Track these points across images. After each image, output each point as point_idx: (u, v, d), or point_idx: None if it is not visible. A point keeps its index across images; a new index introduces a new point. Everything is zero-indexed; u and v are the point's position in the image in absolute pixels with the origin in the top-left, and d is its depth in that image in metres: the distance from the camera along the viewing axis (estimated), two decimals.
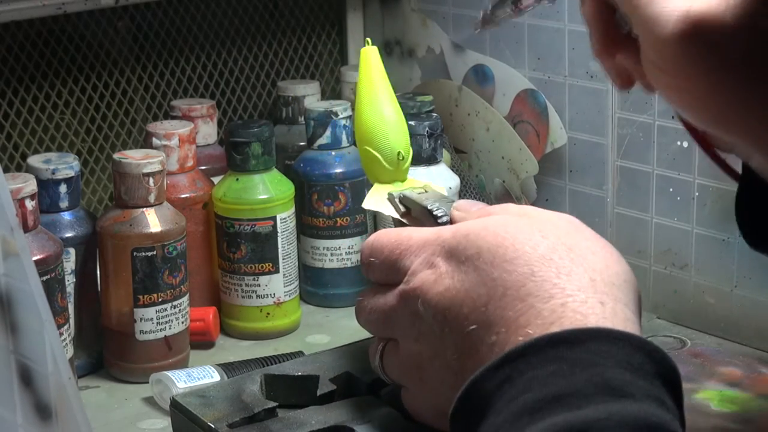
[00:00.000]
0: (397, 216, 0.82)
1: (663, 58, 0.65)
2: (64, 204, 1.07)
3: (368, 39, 0.90)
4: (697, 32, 0.61)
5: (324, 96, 1.40)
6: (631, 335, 0.56)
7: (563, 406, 0.53)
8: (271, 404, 0.82)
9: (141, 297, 1.07)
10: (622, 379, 0.53)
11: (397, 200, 0.82)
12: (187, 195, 1.15)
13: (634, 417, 0.52)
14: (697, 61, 0.63)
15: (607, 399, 0.53)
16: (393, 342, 0.73)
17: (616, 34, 0.73)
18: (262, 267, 1.16)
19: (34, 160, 1.07)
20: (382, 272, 0.72)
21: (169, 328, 1.09)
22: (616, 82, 0.76)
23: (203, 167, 1.21)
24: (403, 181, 0.88)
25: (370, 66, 0.89)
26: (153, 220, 1.07)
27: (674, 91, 0.67)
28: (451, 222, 0.75)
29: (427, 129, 1.18)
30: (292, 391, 0.84)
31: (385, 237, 0.72)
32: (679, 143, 1.13)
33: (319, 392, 0.83)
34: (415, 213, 0.80)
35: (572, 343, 0.55)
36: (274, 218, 1.16)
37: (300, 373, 0.85)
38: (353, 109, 1.24)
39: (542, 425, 0.52)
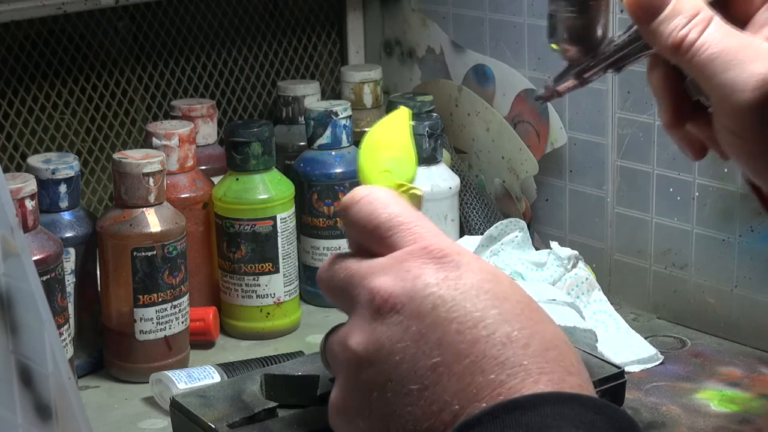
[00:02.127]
0: None
1: (740, 125, 0.66)
2: (64, 204, 1.07)
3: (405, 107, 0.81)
4: None
5: (324, 96, 1.40)
6: (581, 395, 0.57)
7: None
8: (272, 404, 0.82)
9: (141, 297, 1.07)
10: None
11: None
12: (187, 195, 1.15)
13: None
14: None
15: None
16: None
17: (686, 102, 0.74)
18: (262, 267, 1.16)
19: (34, 160, 1.07)
20: (371, 222, 0.65)
21: (169, 328, 1.09)
22: (688, 153, 0.77)
23: (203, 167, 1.21)
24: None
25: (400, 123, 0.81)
26: (153, 220, 1.07)
27: (750, 158, 0.68)
28: None
29: (427, 129, 1.18)
30: (292, 391, 0.84)
31: (394, 198, 0.65)
32: None
33: (319, 392, 0.83)
34: None
35: (526, 408, 0.55)
36: (274, 218, 1.16)
37: (300, 373, 0.85)
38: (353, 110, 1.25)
39: None
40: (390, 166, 0.74)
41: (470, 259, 0.61)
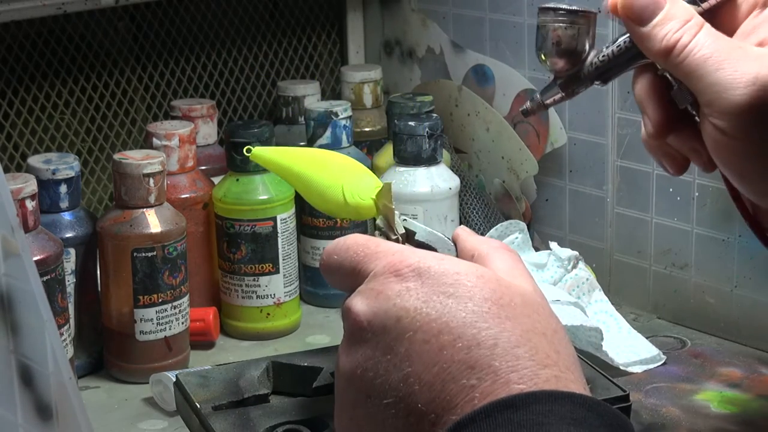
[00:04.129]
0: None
1: (730, 123, 0.67)
2: (64, 204, 1.07)
3: (249, 147, 0.81)
4: None
5: (324, 96, 1.40)
6: (573, 394, 0.57)
7: None
8: (264, 391, 0.82)
9: (141, 297, 1.07)
10: None
11: (387, 224, 0.79)
12: (187, 195, 1.15)
13: None
14: (767, 123, 0.65)
15: None
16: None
17: (672, 112, 0.75)
18: (262, 267, 1.16)
19: (34, 160, 1.07)
20: (342, 275, 0.68)
21: (169, 329, 1.09)
22: (669, 168, 0.78)
23: (203, 167, 1.21)
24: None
25: (269, 158, 0.81)
26: (153, 221, 1.07)
27: (739, 159, 0.69)
28: None
29: (427, 129, 1.18)
30: (294, 380, 0.85)
31: (351, 238, 0.68)
32: None
33: (315, 384, 0.83)
34: (424, 238, 0.78)
35: (518, 406, 0.56)
36: (274, 219, 1.16)
37: (306, 364, 0.86)
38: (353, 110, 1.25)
39: None
40: (344, 179, 0.78)
41: (432, 264, 0.62)
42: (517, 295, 0.62)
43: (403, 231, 0.75)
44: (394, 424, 0.60)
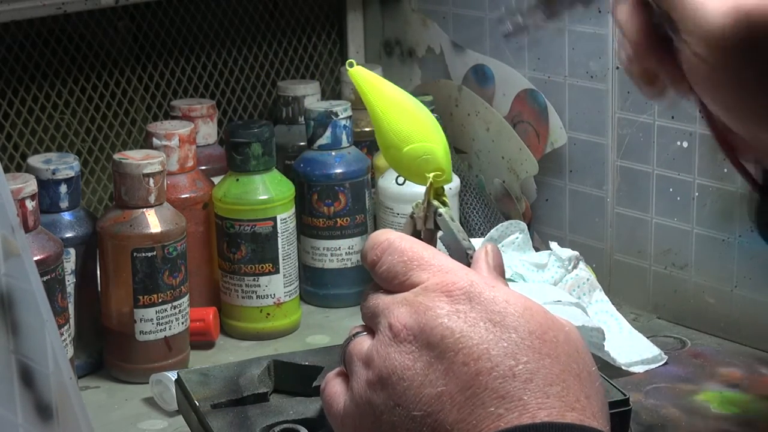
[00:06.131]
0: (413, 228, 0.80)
1: (711, 50, 0.66)
2: (64, 204, 1.07)
3: (351, 60, 0.79)
4: (749, 22, 0.63)
5: (324, 96, 1.40)
6: (575, 425, 0.58)
7: None
8: (264, 390, 0.82)
9: (141, 297, 1.07)
10: None
11: (425, 213, 0.78)
12: (187, 195, 1.15)
13: None
14: (746, 52, 0.64)
15: None
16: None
17: (653, 35, 0.73)
18: (262, 267, 1.16)
19: (34, 160, 1.07)
20: (389, 276, 0.69)
21: (169, 329, 1.09)
22: (647, 89, 0.77)
23: (203, 167, 1.21)
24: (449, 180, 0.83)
25: (366, 80, 0.78)
26: (153, 221, 1.07)
27: (718, 87, 0.68)
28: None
29: None
30: (295, 379, 0.85)
31: (408, 242, 0.69)
32: (679, 143, 1.13)
33: (315, 383, 0.83)
34: (444, 239, 0.78)
35: None
36: (274, 219, 1.16)
37: (307, 363, 0.86)
38: (353, 110, 1.25)
39: None
40: (426, 153, 0.75)
41: (483, 290, 0.64)
42: (561, 332, 0.63)
43: (432, 227, 0.76)
44: None
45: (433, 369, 0.61)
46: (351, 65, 0.78)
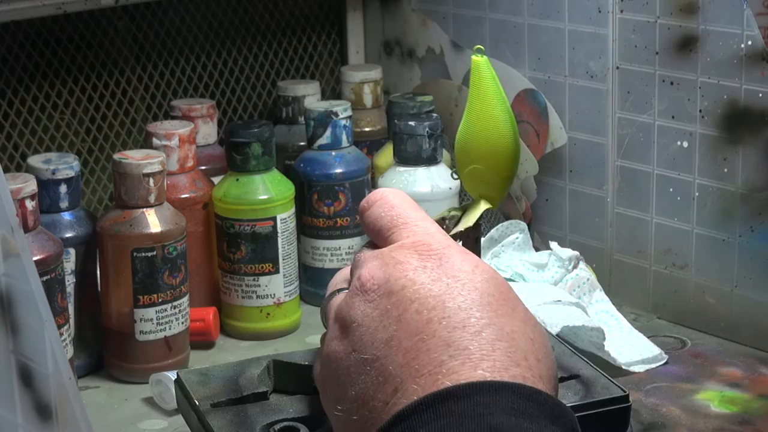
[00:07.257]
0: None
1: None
2: (64, 204, 1.07)
3: (480, 47, 0.79)
4: None
5: (324, 96, 1.40)
6: (515, 384, 0.58)
7: None
8: (264, 389, 0.82)
9: (141, 297, 1.07)
10: (508, 423, 0.56)
11: (451, 222, 0.81)
12: (187, 195, 1.15)
13: None
14: None
15: None
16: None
17: None
18: (262, 267, 1.16)
19: (34, 160, 1.07)
20: (375, 228, 0.70)
21: (169, 329, 1.09)
22: None
23: (203, 167, 1.21)
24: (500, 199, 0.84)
25: (481, 77, 0.79)
26: (153, 221, 1.07)
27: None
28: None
29: (427, 129, 1.18)
30: (295, 378, 0.85)
31: (400, 199, 0.70)
32: (679, 143, 1.13)
33: (314, 383, 0.83)
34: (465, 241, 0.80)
35: (459, 397, 0.57)
36: (274, 218, 1.16)
37: (307, 363, 0.86)
38: (353, 110, 1.25)
39: None
40: (491, 181, 0.80)
41: (454, 255, 0.65)
42: (522, 305, 0.64)
43: (455, 233, 0.80)
44: (363, 381, 0.62)
45: (387, 315, 0.62)
46: (480, 51, 0.78)
